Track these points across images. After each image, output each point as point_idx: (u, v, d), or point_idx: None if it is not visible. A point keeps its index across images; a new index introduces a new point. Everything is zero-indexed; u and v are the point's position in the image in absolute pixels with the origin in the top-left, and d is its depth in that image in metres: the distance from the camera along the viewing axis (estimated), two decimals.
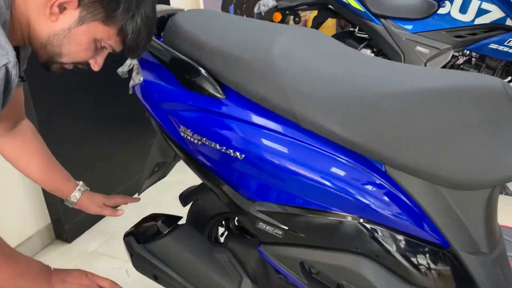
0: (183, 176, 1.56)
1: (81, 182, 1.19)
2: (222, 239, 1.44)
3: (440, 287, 0.93)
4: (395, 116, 0.85)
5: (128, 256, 1.25)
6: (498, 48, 2.06)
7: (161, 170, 1.35)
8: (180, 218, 1.27)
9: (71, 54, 0.84)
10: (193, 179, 1.39)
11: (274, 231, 0.99)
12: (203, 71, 0.96)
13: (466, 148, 0.84)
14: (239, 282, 1.12)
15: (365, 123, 0.87)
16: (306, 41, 1.02)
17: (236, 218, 1.40)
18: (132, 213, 1.26)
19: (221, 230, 1.44)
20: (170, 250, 1.16)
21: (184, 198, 1.39)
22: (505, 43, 2.04)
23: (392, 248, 0.91)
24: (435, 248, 0.91)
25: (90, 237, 2.01)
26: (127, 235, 1.25)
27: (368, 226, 0.91)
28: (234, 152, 0.96)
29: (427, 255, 0.92)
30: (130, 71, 1.16)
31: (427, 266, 0.92)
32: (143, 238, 1.22)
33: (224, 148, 0.97)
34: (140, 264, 1.21)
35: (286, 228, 0.97)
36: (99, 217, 2.11)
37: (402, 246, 0.92)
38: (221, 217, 1.38)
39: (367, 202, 0.89)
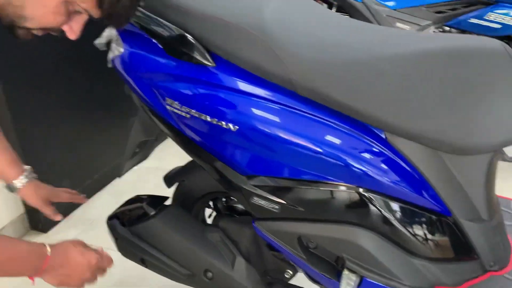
0: (162, 162, 1.49)
1: (29, 167, 1.08)
2: (209, 221, 1.39)
3: (441, 257, 0.92)
4: (395, 80, 0.82)
5: (113, 240, 1.18)
6: (478, 23, 2.06)
7: (143, 151, 1.29)
8: (166, 198, 1.21)
9: (37, 18, 0.73)
10: (173, 164, 1.33)
11: (270, 206, 0.94)
12: (190, 37, 0.90)
13: (468, 112, 0.81)
14: (232, 261, 1.07)
15: (364, 88, 0.83)
16: (297, 5, 0.97)
17: (225, 198, 1.35)
18: (112, 201, 1.18)
19: (208, 212, 1.39)
20: (158, 231, 1.11)
21: (169, 179, 1.33)
22: (484, 17, 2.04)
23: (392, 218, 0.88)
24: (436, 216, 0.89)
25: (68, 226, 1.92)
26: (110, 218, 1.18)
27: (368, 195, 0.87)
28: (226, 123, 0.90)
29: (428, 224, 0.90)
30: (109, 43, 1.08)
31: (428, 235, 0.90)
32: (128, 221, 1.15)
33: (216, 119, 0.91)
34: (126, 248, 1.15)
35: (283, 202, 0.93)
36: (76, 205, 2.02)
37: (403, 215, 0.89)
38: (209, 197, 1.32)
39: (367, 170, 0.86)
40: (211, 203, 1.38)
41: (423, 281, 0.90)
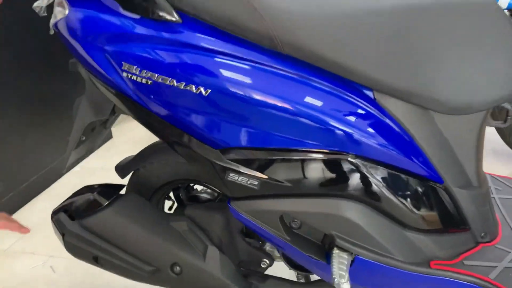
0: (107, 162, 1.32)
1: None
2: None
3: (433, 228, 0.85)
4: (384, 34, 0.74)
5: (59, 238, 1.01)
6: None
7: (90, 140, 1.12)
8: (121, 186, 1.06)
9: None
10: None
11: (248, 182, 0.83)
12: None
13: (460, 67, 0.76)
14: (203, 252, 0.94)
15: (352, 43, 0.75)
16: None
17: (187, 188, 1.22)
18: (52, 205, 1.01)
19: (168, 204, 1.25)
20: (114, 223, 0.95)
21: (122, 169, 1.18)
22: None
23: (382, 186, 0.80)
24: (428, 183, 0.82)
25: (2, 234, 1.68)
26: (56, 212, 1.01)
27: (355, 162, 0.79)
28: (196, 87, 0.78)
29: (420, 192, 0.83)
30: (50, 6, 0.93)
31: (420, 204, 0.83)
32: (77, 213, 0.99)
33: (184, 83, 0.79)
34: (75, 245, 0.98)
35: (262, 176, 0.82)
36: (12, 210, 1.79)
37: (393, 183, 0.81)
38: (169, 187, 1.19)
39: (353, 134, 0.77)
40: (171, 194, 1.24)
41: (418, 255, 0.83)
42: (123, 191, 1.07)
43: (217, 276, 0.93)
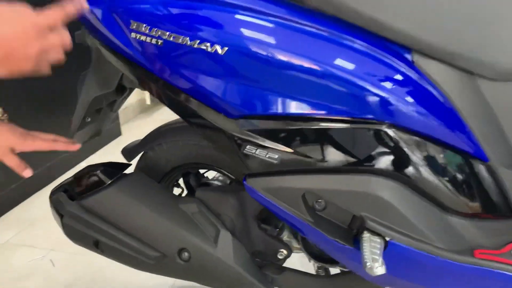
0: (115, 158, 1.22)
1: None
2: None
3: (475, 211, 0.74)
4: None
5: (58, 221, 0.92)
6: None
7: (95, 123, 1.04)
8: (128, 165, 0.98)
9: None
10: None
11: (268, 156, 0.74)
12: None
13: None
14: (215, 236, 0.85)
15: None
16: None
17: (197, 175, 1.13)
18: None
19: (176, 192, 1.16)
20: (117, 203, 0.87)
21: (129, 152, 1.10)
22: None
23: (420, 162, 0.71)
24: (471, 161, 0.72)
25: (1, 227, 1.60)
26: (54, 192, 0.93)
27: (390, 133, 0.69)
28: (212, 45, 0.70)
29: (462, 171, 0.72)
30: None
31: (461, 184, 0.73)
32: (78, 193, 0.90)
33: (197, 42, 0.71)
34: (75, 229, 0.89)
35: (284, 148, 0.73)
36: (14, 203, 1.71)
37: (432, 158, 0.71)
38: (178, 172, 1.10)
39: (389, 100, 0.68)
40: (181, 181, 1.16)
41: (460, 242, 0.73)
42: (130, 171, 0.98)
43: (229, 263, 0.83)
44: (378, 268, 0.64)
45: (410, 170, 0.71)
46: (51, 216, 0.87)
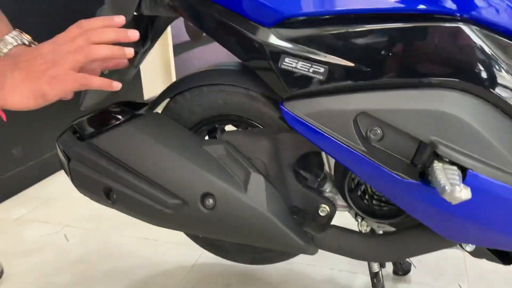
0: None
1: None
2: None
3: None
4: None
5: (64, 166, 0.80)
6: None
7: (114, 76, 0.93)
8: (146, 104, 0.86)
9: None
10: None
11: (311, 69, 0.60)
12: None
13: None
14: (244, 180, 0.71)
15: None
16: None
17: (223, 131, 1.00)
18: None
19: None
20: (132, 142, 0.74)
21: (151, 104, 0.98)
22: None
23: (510, 72, 0.55)
24: None
25: (15, 204, 1.50)
26: (62, 133, 0.81)
27: (469, 32, 0.55)
28: None
29: None
30: None
31: None
32: (88, 133, 0.78)
33: None
34: (83, 174, 0.77)
35: (332, 58, 0.59)
36: (31, 181, 1.62)
37: None
38: (203, 128, 0.97)
39: None
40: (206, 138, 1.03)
41: None
42: None
43: (261, 211, 0.69)
44: (463, 191, 0.49)
45: (495, 82, 0.56)
46: (69, 196, 0.76)
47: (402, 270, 1.07)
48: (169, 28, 2.34)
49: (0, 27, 0.68)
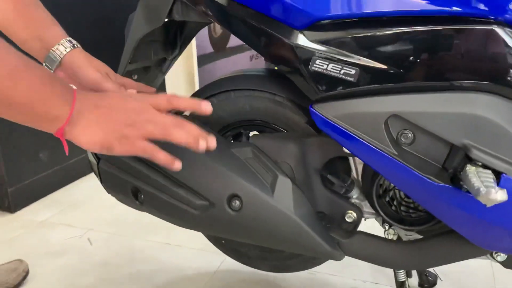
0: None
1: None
2: None
3: None
4: None
5: (93, 167, 0.82)
6: None
7: (142, 81, 0.95)
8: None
9: None
10: None
11: (342, 71, 0.61)
12: None
13: None
14: (271, 183, 0.71)
15: None
16: None
17: (251, 134, 1.01)
18: (99, 185, 0.82)
19: None
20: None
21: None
22: None
23: None
24: None
25: (41, 207, 1.53)
26: None
27: (503, 34, 0.54)
28: None
29: None
30: None
31: None
32: None
33: None
34: (112, 174, 0.79)
35: (364, 60, 0.59)
36: (57, 185, 1.65)
37: None
38: (229, 133, 0.98)
39: None
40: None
41: None
42: None
43: (287, 213, 0.69)
44: (499, 193, 0.48)
45: None
46: (94, 200, 0.78)
47: (428, 283, 1.05)
48: (194, 39, 2.38)
49: (57, 31, 0.71)
